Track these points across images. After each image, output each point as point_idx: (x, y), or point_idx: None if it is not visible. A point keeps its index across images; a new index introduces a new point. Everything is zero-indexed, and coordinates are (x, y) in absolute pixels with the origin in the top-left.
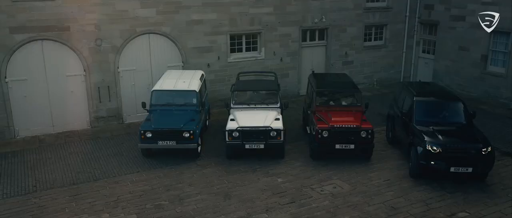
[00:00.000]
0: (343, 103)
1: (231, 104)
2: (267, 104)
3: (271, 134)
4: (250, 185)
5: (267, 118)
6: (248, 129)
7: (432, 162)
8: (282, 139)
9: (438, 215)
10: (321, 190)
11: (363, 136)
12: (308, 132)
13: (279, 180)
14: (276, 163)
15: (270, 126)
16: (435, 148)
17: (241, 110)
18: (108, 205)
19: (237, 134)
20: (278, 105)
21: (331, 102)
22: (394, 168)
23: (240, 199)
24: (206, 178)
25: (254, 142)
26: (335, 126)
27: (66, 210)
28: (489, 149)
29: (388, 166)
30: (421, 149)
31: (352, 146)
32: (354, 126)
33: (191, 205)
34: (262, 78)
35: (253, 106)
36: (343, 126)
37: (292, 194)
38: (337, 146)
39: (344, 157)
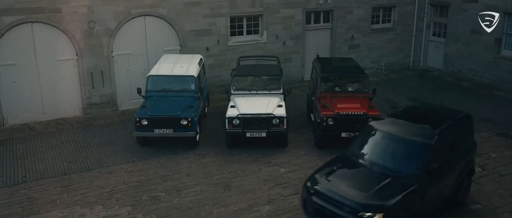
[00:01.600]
0: (349, 89)
1: (231, 91)
2: (269, 90)
3: (273, 122)
4: (251, 175)
5: (269, 105)
6: (249, 116)
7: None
8: (285, 126)
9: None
10: None
11: None
12: (313, 119)
13: (282, 170)
14: (279, 152)
15: (273, 113)
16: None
17: (242, 96)
18: (102, 196)
19: (238, 121)
20: (281, 91)
21: (337, 88)
22: None
23: (241, 190)
24: (204, 168)
25: (256, 130)
26: (341, 113)
27: (58, 202)
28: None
29: None
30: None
31: None
32: (361, 113)
33: (189, 196)
34: (264, 62)
35: (255, 92)
36: (349, 113)
37: (296, 184)
38: (343, 134)
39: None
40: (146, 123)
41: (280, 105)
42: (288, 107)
